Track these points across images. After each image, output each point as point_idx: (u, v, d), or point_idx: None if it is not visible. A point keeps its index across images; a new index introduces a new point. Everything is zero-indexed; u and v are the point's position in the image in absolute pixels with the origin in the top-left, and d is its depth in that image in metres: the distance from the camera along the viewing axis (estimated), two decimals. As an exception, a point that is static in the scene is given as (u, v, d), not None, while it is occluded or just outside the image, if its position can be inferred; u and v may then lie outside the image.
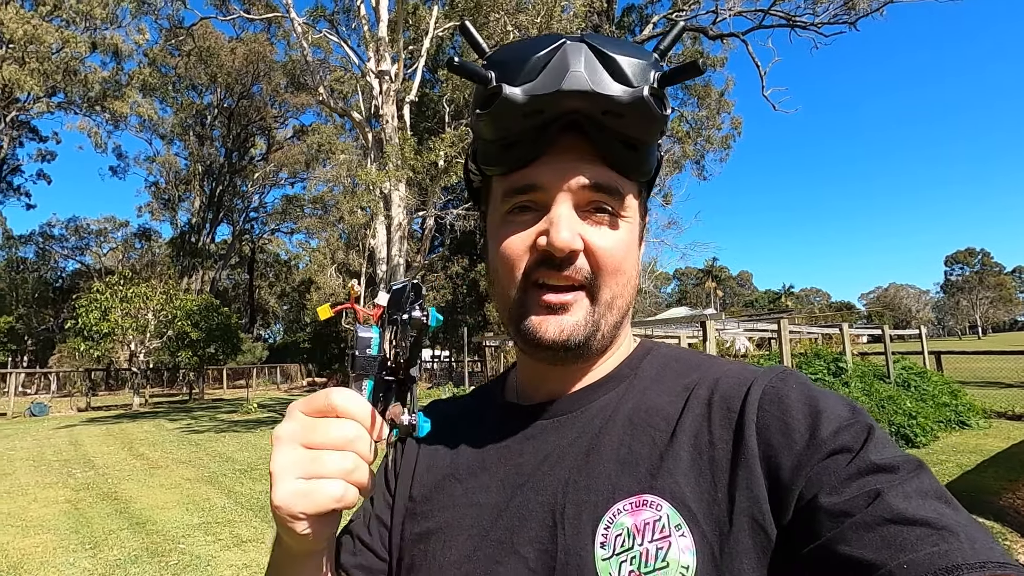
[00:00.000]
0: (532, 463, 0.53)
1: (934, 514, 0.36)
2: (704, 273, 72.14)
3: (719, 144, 29.20)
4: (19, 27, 27.71)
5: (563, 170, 0.50)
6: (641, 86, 0.46)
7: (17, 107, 31.47)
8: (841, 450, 0.41)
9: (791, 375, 0.49)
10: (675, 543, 0.43)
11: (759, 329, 10.72)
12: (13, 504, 6.26)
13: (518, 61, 0.48)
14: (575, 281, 0.50)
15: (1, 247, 38.33)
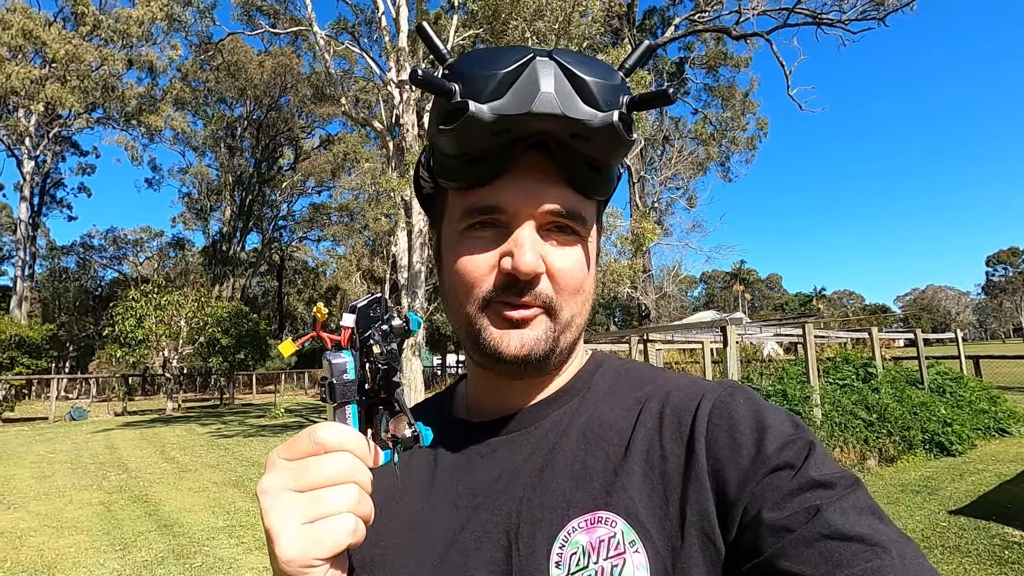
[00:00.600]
0: (486, 482, 0.52)
1: (868, 530, 0.38)
2: (731, 276, 70.84)
3: (744, 145, 28.74)
4: (61, 47, 28.97)
5: (527, 192, 0.49)
6: (611, 111, 0.46)
7: (59, 123, 32.85)
8: (784, 466, 0.42)
9: (739, 390, 0.50)
10: (630, 560, 0.43)
11: (784, 334, 10.49)
12: (51, 505, 6.51)
13: (484, 75, 0.46)
14: (536, 303, 0.50)
15: (45, 257, 39.99)
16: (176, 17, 22.19)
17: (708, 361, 10.14)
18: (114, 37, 32.41)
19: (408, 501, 0.55)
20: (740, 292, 63.33)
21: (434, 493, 0.54)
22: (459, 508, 0.52)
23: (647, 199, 22.54)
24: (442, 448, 0.57)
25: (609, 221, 12.80)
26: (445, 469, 0.55)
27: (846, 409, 7.58)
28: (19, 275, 32.47)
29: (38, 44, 28.95)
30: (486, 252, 0.50)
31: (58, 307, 37.94)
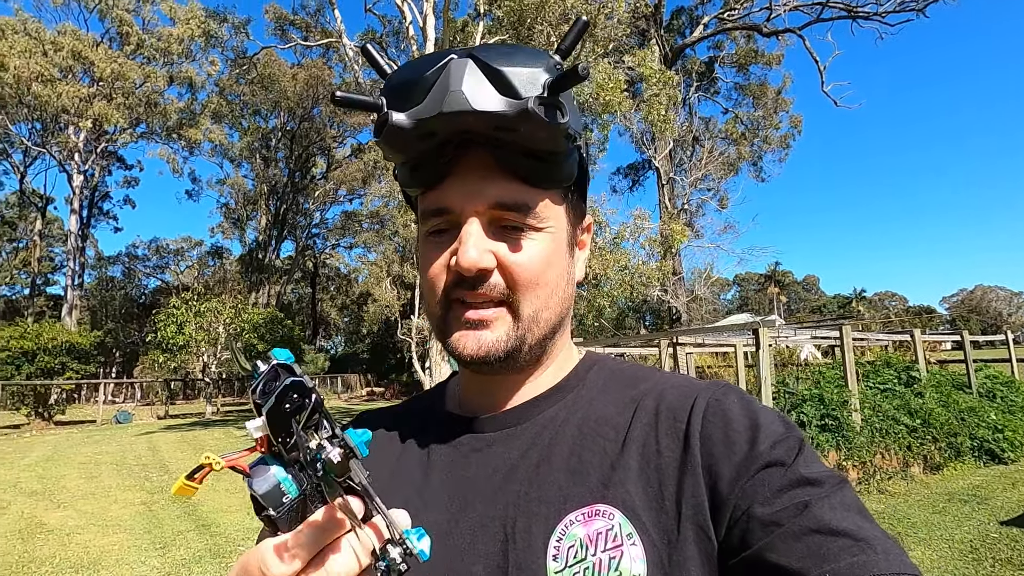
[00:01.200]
0: (481, 477, 0.52)
1: (854, 526, 0.39)
2: (766, 278, 69.21)
3: (777, 144, 28.11)
4: (107, 66, 30.35)
5: (468, 190, 0.49)
6: (527, 98, 0.45)
7: (106, 139, 34.36)
8: (775, 463, 0.43)
9: (732, 390, 0.51)
10: (627, 552, 0.44)
11: (821, 336, 10.18)
12: (97, 504, 6.78)
13: (407, 84, 0.47)
14: (491, 298, 0.50)
15: (93, 267, 41.79)
16: (213, 33, 23.01)
17: (741, 365, 9.92)
18: (156, 55, 33.81)
19: (402, 495, 0.54)
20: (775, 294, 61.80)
21: (427, 488, 0.54)
22: (453, 503, 0.51)
23: (677, 201, 22.22)
24: (435, 443, 0.56)
25: (637, 223, 12.67)
26: (438, 464, 0.55)
27: (887, 414, 7.30)
28: (69, 284, 34.04)
29: (86, 64, 30.41)
30: (441, 253, 0.51)
31: (105, 314, 39.63)
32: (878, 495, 6.37)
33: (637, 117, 15.76)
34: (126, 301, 41.87)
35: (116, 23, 33.11)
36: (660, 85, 11.79)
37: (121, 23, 33.01)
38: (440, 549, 0.49)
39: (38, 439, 14.16)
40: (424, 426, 0.59)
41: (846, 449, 6.51)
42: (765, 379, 6.05)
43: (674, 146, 22.96)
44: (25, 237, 39.28)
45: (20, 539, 5.38)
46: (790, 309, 68.47)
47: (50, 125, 32.48)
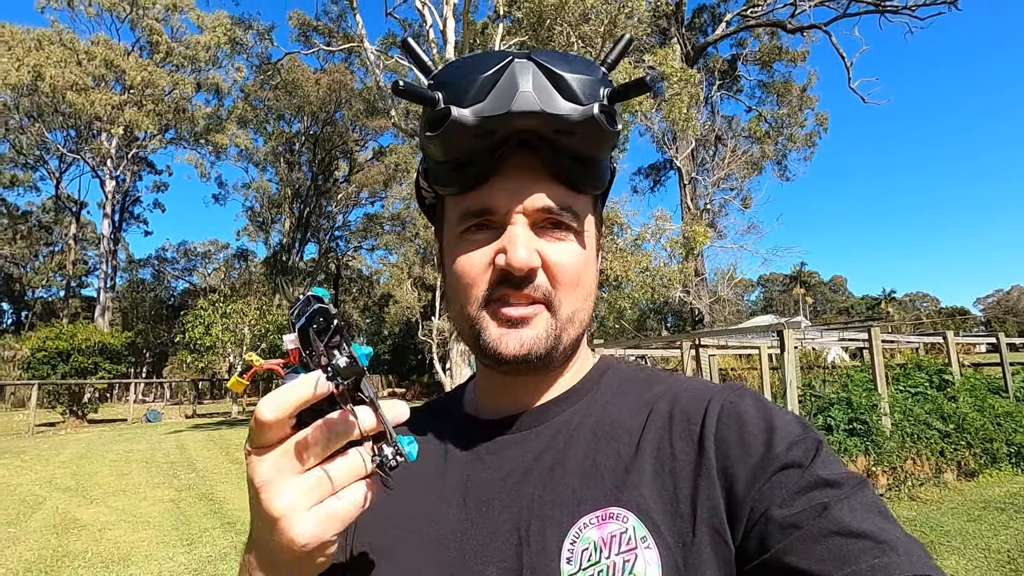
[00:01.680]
0: (495, 479, 0.52)
1: (875, 528, 0.38)
2: (791, 279, 67.94)
3: (802, 142, 27.61)
4: (138, 74, 31.22)
5: (517, 191, 0.49)
6: (591, 104, 0.46)
7: (137, 145, 35.36)
8: (792, 464, 0.43)
9: (747, 392, 0.50)
10: (641, 555, 0.43)
11: (849, 338, 9.95)
12: (127, 501, 6.95)
13: (466, 81, 0.48)
14: (534, 298, 0.50)
15: (124, 270, 43.01)
16: (238, 40, 23.47)
17: (765, 367, 9.74)
18: (184, 62, 34.69)
19: (420, 495, 0.55)
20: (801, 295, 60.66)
21: (444, 488, 0.54)
22: (468, 504, 0.52)
23: (699, 201, 21.96)
24: (451, 444, 0.57)
25: (658, 224, 12.55)
26: (454, 465, 0.55)
27: (919, 419, 7.10)
28: (102, 286, 35.06)
29: (118, 72, 31.33)
30: (482, 252, 0.50)
31: (136, 316, 40.73)
32: (909, 502, 6.20)
33: (658, 116, 15.63)
34: (156, 303, 42.99)
35: (146, 32, 34.05)
36: (682, 84, 11.67)
37: (151, 32, 33.93)
38: (454, 549, 0.50)
39: (72, 437, 14.60)
40: (442, 427, 0.59)
41: (875, 454, 6.34)
42: (791, 382, 5.93)
43: (696, 145, 22.70)
44: (60, 241, 40.58)
45: (55, 534, 5.54)
46: (816, 310, 67.07)
47: (84, 132, 33.55)
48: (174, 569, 4.56)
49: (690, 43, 23.81)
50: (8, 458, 10.55)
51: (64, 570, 4.55)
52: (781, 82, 26.97)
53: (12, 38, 29.99)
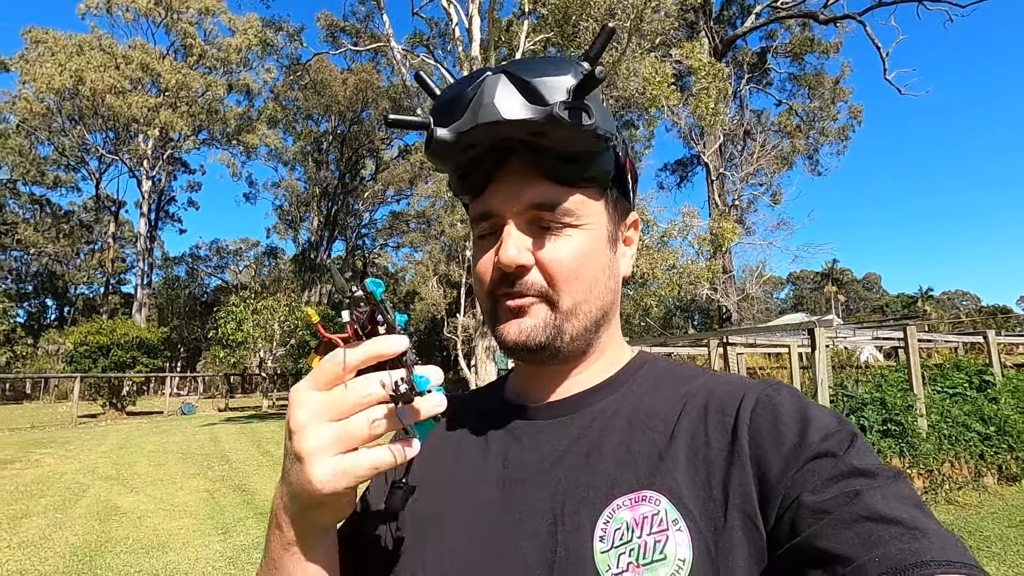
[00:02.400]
0: (531, 460, 0.54)
1: (908, 516, 0.38)
2: (822, 276, 66.23)
3: (835, 136, 26.89)
4: (172, 77, 32.11)
5: (510, 193, 0.53)
6: (553, 103, 0.48)
7: (171, 146, 36.39)
8: (825, 454, 0.43)
9: (784, 387, 0.51)
10: (672, 537, 0.45)
11: (883, 337, 9.69)
12: (164, 491, 7.20)
13: (451, 101, 0.52)
14: (528, 293, 0.53)
15: (160, 267, 44.36)
16: (268, 42, 23.95)
17: (795, 366, 9.56)
18: (216, 64, 35.54)
19: (462, 473, 0.58)
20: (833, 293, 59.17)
21: (484, 468, 0.57)
22: (505, 484, 0.54)
23: (727, 197, 21.60)
24: (492, 428, 0.60)
25: (685, 221, 12.38)
26: (494, 446, 0.58)
27: (957, 420, 6.88)
28: (139, 283, 36.24)
29: (154, 75, 32.26)
30: (489, 253, 0.55)
31: (171, 312, 41.97)
32: (946, 506, 6.02)
33: (685, 111, 15.42)
34: (190, 299, 44.25)
35: (180, 36, 34.97)
36: (709, 78, 11.49)
37: (184, 36, 34.84)
38: (492, 524, 0.52)
39: (112, 428, 15.15)
40: (484, 412, 0.63)
41: (911, 456, 6.18)
42: (822, 381, 5.81)
43: (724, 140, 22.32)
44: (100, 239, 42.06)
45: (98, 520, 5.78)
46: (849, 308, 65.30)
47: (122, 134, 34.66)
48: (210, 557, 4.71)
49: (718, 36, 23.39)
50: (53, 447, 11.01)
51: (107, 555, 4.75)
52: (813, 75, 26.30)
53: (55, 44, 31.15)
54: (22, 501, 6.51)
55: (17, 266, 41.42)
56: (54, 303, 43.95)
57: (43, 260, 40.77)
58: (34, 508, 6.21)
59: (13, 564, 4.49)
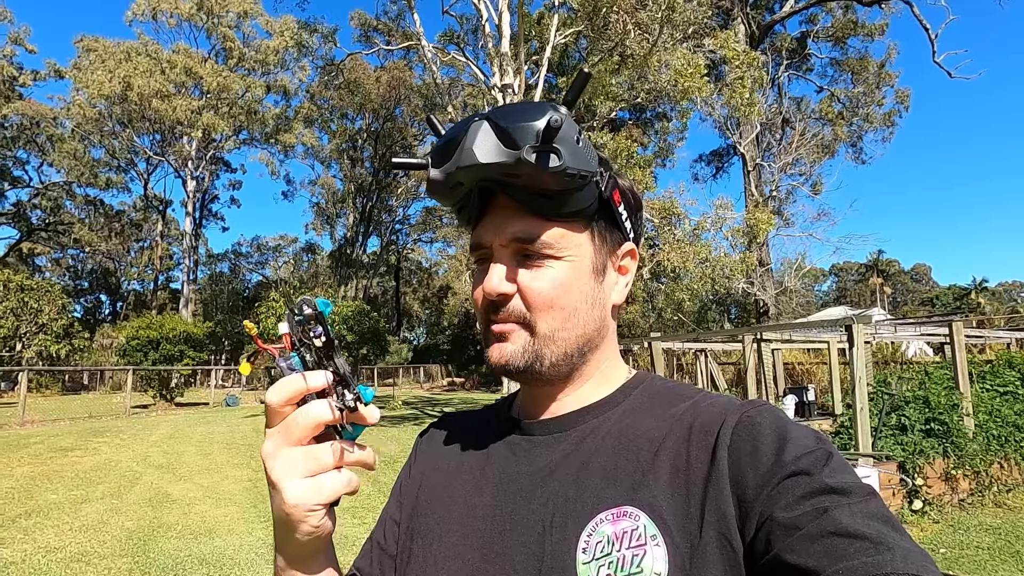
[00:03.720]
0: (526, 474, 0.59)
1: (874, 532, 0.39)
2: (867, 268, 63.77)
3: (880, 122, 25.83)
4: (214, 79, 33.16)
5: (496, 227, 0.58)
6: (522, 148, 0.51)
7: (214, 146, 37.63)
8: (800, 472, 0.44)
9: (768, 408, 0.53)
10: (650, 551, 0.47)
11: (928, 333, 9.33)
12: (211, 479, 7.54)
13: (443, 145, 0.57)
14: (510, 319, 0.58)
15: (204, 264, 46.04)
16: (303, 43, 24.50)
17: (835, 362, 9.30)
18: (255, 66, 36.53)
19: (461, 485, 0.63)
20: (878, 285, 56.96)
21: (483, 478, 0.61)
22: (501, 495, 0.59)
23: (765, 188, 21.05)
24: (493, 441, 0.65)
25: (718, 213, 12.14)
26: (493, 459, 0.63)
27: (1007, 420, 6.61)
28: (185, 280, 37.73)
29: (196, 78, 33.39)
30: (480, 281, 0.60)
31: (215, 307, 43.60)
32: (994, 508, 5.81)
33: (719, 101, 15.08)
34: (232, 295, 45.83)
35: (220, 39, 36.06)
36: (744, 67, 11.21)
37: (224, 39, 35.90)
38: (487, 533, 0.57)
39: (162, 418, 15.89)
40: (489, 427, 0.68)
41: (956, 457, 5.96)
42: (860, 378, 5.66)
43: (761, 130, 21.71)
44: (149, 237, 43.90)
45: (151, 507, 6.11)
46: (896, 301, 62.74)
47: (167, 136, 36.02)
48: (253, 543, 4.94)
49: (755, 22, 22.73)
50: (109, 436, 11.63)
51: (159, 539, 5.03)
52: (856, 59, 25.30)
53: (105, 51, 32.57)
54: (82, 487, 6.94)
55: (74, 264, 43.71)
56: (108, 299, 46.15)
57: (97, 258, 42.87)
58: (92, 494, 6.61)
59: (75, 546, 4.81)
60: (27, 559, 4.48)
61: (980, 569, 4.24)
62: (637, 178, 11.57)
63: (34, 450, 9.45)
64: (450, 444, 0.69)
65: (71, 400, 22.74)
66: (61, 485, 7.01)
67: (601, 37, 12.07)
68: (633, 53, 11.30)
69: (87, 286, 44.17)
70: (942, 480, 5.90)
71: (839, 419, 7.13)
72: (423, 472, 0.69)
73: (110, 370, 25.09)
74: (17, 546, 4.76)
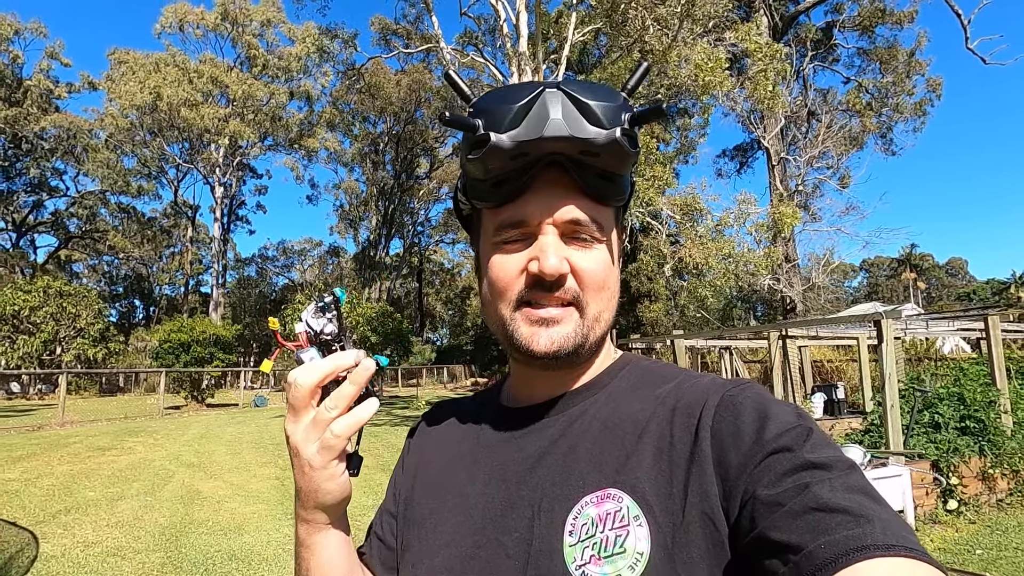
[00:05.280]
0: (516, 460, 0.59)
1: (856, 505, 0.40)
2: (899, 263, 61.94)
3: (911, 112, 25.06)
4: (239, 87, 33.90)
5: (548, 204, 0.55)
6: (614, 128, 0.51)
7: (240, 153, 38.45)
8: (781, 449, 0.45)
9: (750, 387, 0.53)
10: (633, 532, 0.48)
11: (963, 328, 9.04)
12: (240, 477, 7.72)
13: (502, 109, 0.53)
14: (563, 300, 0.56)
15: (233, 268, 47.07)
16: (325, 49, 24.90)
17: (865, 359, 9.07)
18: (279, 73, 37.22)
19: (454, 474, 0.64)
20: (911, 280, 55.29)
21: (475, 466, 0.62)
22: (493, 482, 0.59)
23: (790, 182, 20.62)
24: (485, 429, 0.65)
25: (741, 209, 11.95)
26: (485, 447, 0.64)
27: (1048, 417, 6.36)
28: (215, 284, 38.64)
29: (222, 87, 34.18)
30: (516, 259, 0.56)
31: (243, 310, 44.57)
32: (1034, 508, 5.60)
33: (742, 95, 14.84)
34: (260, 298, 46.77)
35: (245, 48, 36.84)
36: (767, 59, 11.01)
37: (249, 47, 36.67)
38: (479, 519, 0.58)
39: (193, 419, 16.31)
40: (480, 415, 0.68)
41: (992, 455, 5.77)
42: (890, 375, 5.52)
43: (786, 123, 21.30)
44: (179, 243, 45.06)
45: (182, 503, 6.29)
46: (930, 297, 60.81)
47: (196, 143, 36.94)
48: (280, 540, 5.05)
49: (778, 13, 22.31)
50: (143, 436, 11.98)
51: (191, 535, 5.17)
52: (884, 48, 24.60)
53: (135, 63, 33.57)
54: (118, 485, 7.16)
55: (109, 270, 45.08)
56: (141, 303, 47.51)
57: (131, 264, 44.16)
58: (128, 491, 6.82)
59: (112, 541, 4.98)
60: (67, 553, 4.65)
61: (1019, 571, 4.10)
62: (657, 175, 11.45)
63: (73, 449, 9.79)
64: (442, 434, 0.70)
65: (108, 401, 23.47)
66: (98, 483, 7.25)
67: (620, 33, 11.99)
68: (652, 49, 11.19)
69: (121, 291, 45.53)
70: (978, 479, 5.71)
71: (869, 417, 6.95)
72: (417, 463, 0.69)
73: (144, 372, 25.85)
74: (57, 540, 4.94)
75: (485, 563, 0.55)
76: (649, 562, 0.47)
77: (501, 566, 0.54)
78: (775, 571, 0.40)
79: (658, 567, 0.46)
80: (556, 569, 0.50)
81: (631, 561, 0.47)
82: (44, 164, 36.60)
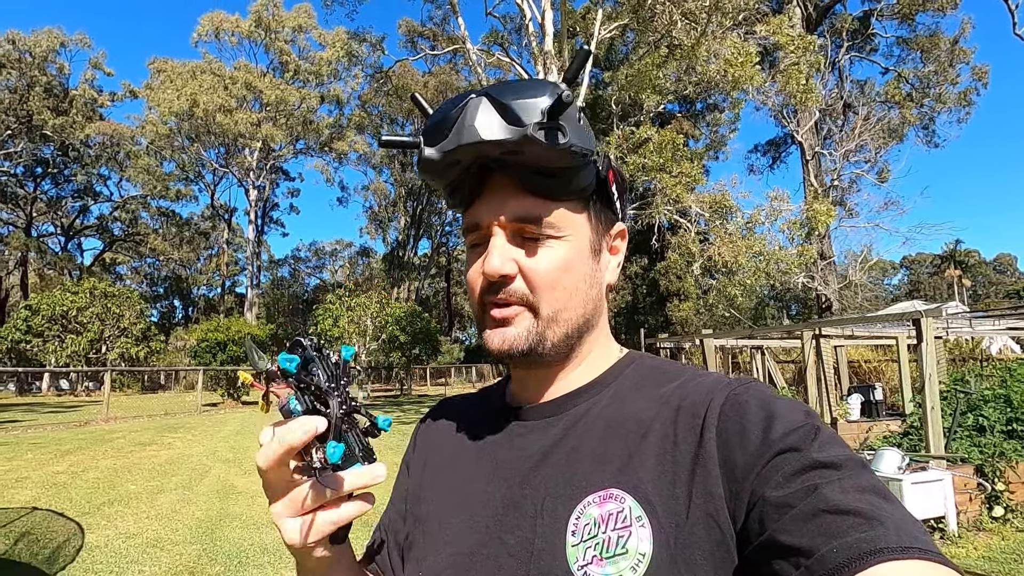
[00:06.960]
0: (519, 458, 0.59)
1: (867, 506, 0.39)
2: (943, 259, 59.52)
3: (955, 102, 24.09)
4: (272, 92, 34.73)
5: (494, 206, 0.56)
6: (528, 124, 0.50)
7: (273, 156, 39.40)
8: (789, 449, 0.44)
9: (755, 385, 0.53)
10: (635, 532, 0.48)
11: (1011, 327, 8.64)
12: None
13: (437, 123, 0.55)
14: (512, 301, 0.56)
15: (267, 269, 48.28)
16: (354, 53, 25.31)
17: (904, 359, 8.75)
18: (310, 78, 38.01)
19: (458, 471, 0.64)
20: (956, 278, 53.14)
21: (477, 466, 0.62)
22: (496, 481, 0.59)
23: (825, 177, 20.04)
24: (488, 428, 0.65)
25: (773, 206, 11.66)
26: (487, 446, 0.63)
27: (1103, 421, 6.03)
28: (249, 284, 39.71)
29: (256, 92, 35.09)
30: (477, 263, 0.58)
31: (277, 310, 45.69)
32: (1088, 517, 5.31)
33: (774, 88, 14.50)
34: (292, 298, 47.87)
35: (278, 54, 37.73)
36: (799, 52, 10.72)
37: (281, 53, 37.55)
38: (482, 518, 0.58)
39: (230, 416, 16.78)
40: (484, 413, 0.68)
41: (1043, 460, 5.50)
42: (930, 376, 5.31)
43: (821, 117, 20.71)
44: (216, 245, 46.44)
45: (218, 498, 6.48)
46: (976, 295, 58.28)
47: (231, 148, 38.00)
48: (311, 535, 5.15)
49: (812, 4, 21.70)
50: (182, 432, 12.39)
51: (226, 528, 5.33)
52: (926, 36, 23.69)
53: (173, 71, 34.72)
54: (157, 479, 7.43)
55: (150, 271, 46.78)
56: (180, 304, 49.15)
57: (170, 265, 45.71)
58: (167, 485, 7.06)
59: (151, 533, 5.17)
60: (109, 544, 4.84)
61: (1071, 582, 3.90)
62: (685, 171, 11.28)
63: (117, 444, 10.19)
64: (447, 432, 0.69)
65: (149, 398, 24.36)
66: (140, 476, 7.53)
67: (647, 29, 11.85)
68: (680, 44, 11.03)
69: (162, 292, 47.18)
70: (1027, 485, 5.45)
71: (908, 419, 6.71)
72: (422, 461, 0.70)
73: (183, 370, 26.72)
74: (101, 532, 5.15)
75: (487, 561, 0.55)
76: (651, 563, 0.46)
77: (504, 565, 0.54)
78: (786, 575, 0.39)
79: (660, 568, 0.46)
80: (558, 569, 0.50)
81: (633, 562, 0.47)
82: (90, 170, 38.16)
